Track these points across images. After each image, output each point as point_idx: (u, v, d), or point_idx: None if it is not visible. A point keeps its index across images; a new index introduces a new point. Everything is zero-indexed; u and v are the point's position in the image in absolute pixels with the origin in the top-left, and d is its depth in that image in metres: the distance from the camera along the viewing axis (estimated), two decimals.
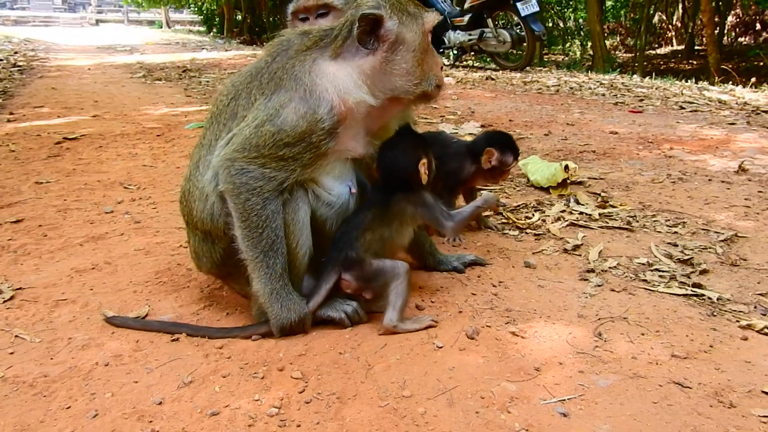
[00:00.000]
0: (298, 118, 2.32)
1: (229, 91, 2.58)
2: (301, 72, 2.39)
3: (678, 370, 2.16)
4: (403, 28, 2.44)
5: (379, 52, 2.43)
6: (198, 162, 2.57)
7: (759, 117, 7.25)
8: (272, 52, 2.53)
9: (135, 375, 2.19)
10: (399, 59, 2.45)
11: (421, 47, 2.48)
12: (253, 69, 2.54)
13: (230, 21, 29.58)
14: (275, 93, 2.39)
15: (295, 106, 2.33)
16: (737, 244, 3.34)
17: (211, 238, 2.55)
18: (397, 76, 2.46)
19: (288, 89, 2.37)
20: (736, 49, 25.79)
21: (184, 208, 2.64)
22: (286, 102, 2.34)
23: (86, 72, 12.14)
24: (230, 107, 2.52)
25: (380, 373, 2.17)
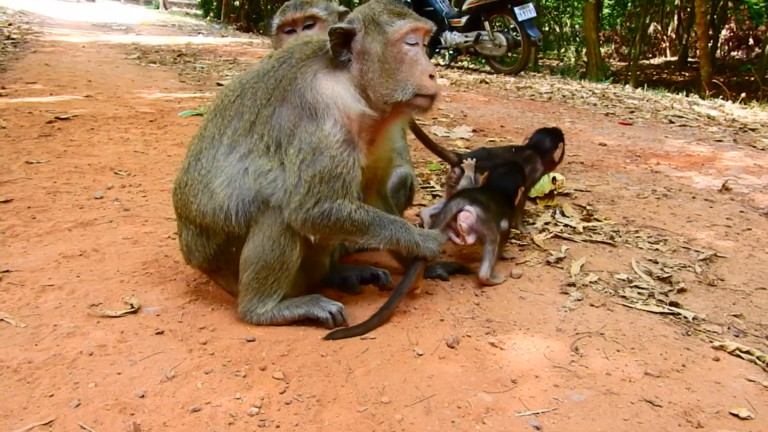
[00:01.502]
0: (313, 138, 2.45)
1: (236, 88, 2.65)
2: (303, 86, 2.49)
3: (650, 388, 2.22)
4: (368, 38, 2.53)
5: (354, 63, 2.54)
6: (199, 155, 2.60)
7: (746, 135, 7.36)
8: (279, 58, 2.62)
9: (119, 366, 2.22)
10: (368, 69, 2.54)
11: (389, 57, 2.52)
12: (261, 70, 2.63)
13: (228, 6, 29.39)
14: (281, 106, 2.51)
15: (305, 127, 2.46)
16: (716, 264, 3.42)
17: (207, 234, 2.58)
18: (373, 86, 2.54)
19: (294, 105, 2.49)
20: (729, 63, 26.03)
21: (178, 200, 2.66)
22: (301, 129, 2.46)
23: (80, 49, 12.05)
24: (236, 105, 2.60)
25: (360, 378, 2.22)
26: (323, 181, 2.46)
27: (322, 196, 2.47)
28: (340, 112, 2.49)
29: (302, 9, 3.40)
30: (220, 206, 2.48)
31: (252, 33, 23.08)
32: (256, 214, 2.47)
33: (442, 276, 3.07)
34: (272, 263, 2.51)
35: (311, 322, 2.57)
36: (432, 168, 5.16)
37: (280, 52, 2.73)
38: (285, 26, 3.45)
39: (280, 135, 2.50)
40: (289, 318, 2.57)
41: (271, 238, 2.48)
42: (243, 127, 2.54)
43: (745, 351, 2.48)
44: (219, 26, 24.60)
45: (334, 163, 2.45)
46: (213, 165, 2.54)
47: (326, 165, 2.45)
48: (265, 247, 2.49)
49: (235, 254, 2.55)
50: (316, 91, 2.50)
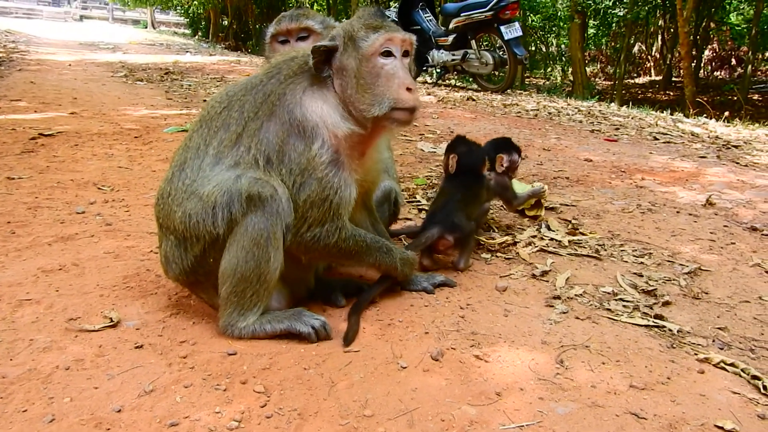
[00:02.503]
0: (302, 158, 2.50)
1: (222, 100, 2.67)
2: (292, 103, 2.54)
3: (635, 400, 2.20)
4: (345, 55, 2.57)
5: (335, 80, 2.60)
6: (183, 164, 2.59)
7: (729, 151, 7.43)
8: (268, 73, 2.66)
9: (95, 381, 2.17)
10: (347, 85, 2.57)
11: (364, 71, 2.54)
12: (249, 84, 2.66)
13: (216, 25, 29.56)
14: (269, 120, 2.54)
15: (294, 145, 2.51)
16: (700, 278, 3.42)
17: (185, 244, 2.55)
18: (353, 102, 2.58)
19: (282, 121, 2.53)
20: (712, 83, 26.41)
21: (160, 210, 2.63)
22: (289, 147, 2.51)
23: (67, 68, 12.02)
24: (222, 116, 2.61)
25: (343, 391, 2.18)
26: (314, 205, 2.52)
27: (313, 221, 2.54)
28: (329, 131, 2.53)
29: (297, 20, 3.41)
30: (211, 205, 2.44)
31: (240, 52, 23.17)
32: (238, 215, 2.43)
33: (427, 289, 3.05)
34: (249, 275, 2.47)
35: (294, 336, 2.53)
36: (418, 183, 5.16)
37: (269, 67, 2.75)
38: (279, 36, 3.45)
39: (269, 150, 2.51)
40: (270, 332, 2.54)
41: (245, 248, 2.44)
42: (229, 139, 2.54)
43: (730, 363, 2.47)
44: (207, 45, 24.67)
45: (321, 185, 2.50)
46: (198, 175, 2.53)
47: (315, 188, 2.50)
48: (240, 259, 2.46)
49: (213, 266, 2.52)
50: (305, 108, 2.54)
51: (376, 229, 3.02)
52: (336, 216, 2.58)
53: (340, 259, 2.82)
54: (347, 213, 2.63)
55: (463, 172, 3.56)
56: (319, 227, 2.56)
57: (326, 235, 2.58)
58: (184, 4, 30.97)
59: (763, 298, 3.17)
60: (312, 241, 2.57)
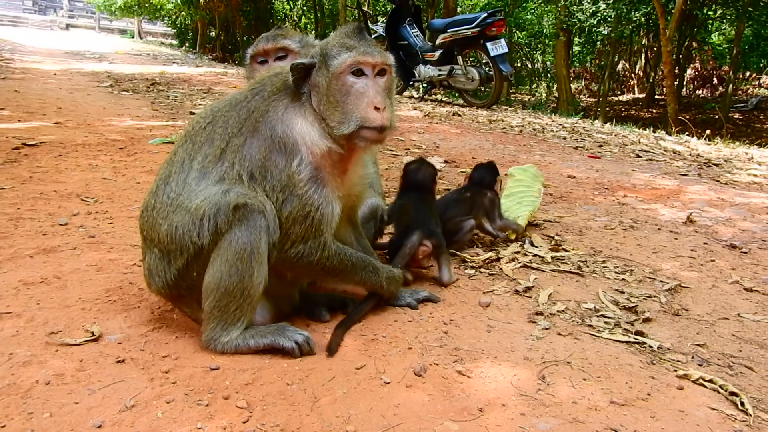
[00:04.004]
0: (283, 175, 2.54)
1: (207, 115, 2.70)
2: (274, 120, 2.58)
3: (615, 416, 2.22)
4: (318, 72, 2.60)
5: (313, 98, 2.63)
6: (168, 178, 2.60)
7: (710, 169, 7.54)
8: (252, 89, 2.70)
9: (76, 396, 2.15)
10: (319, 102, 2.61)
11: (333, 90, 2.56)
12: (233, 99, 2.70)
13: (203, 36, 29.55)
14: (252, 136, 2.57)
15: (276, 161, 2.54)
16: (680, 294, 3.46)
17: (169, 257, 2.55)
18: (326, 119, 2.60)
19: (265, 138, 2.56)
20: (694, 101, 26.80)
21: (145, 223, 2.63)
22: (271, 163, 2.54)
23: (52, 77, 11.95)
24: (207, 131, 2.63)
25: (326, 407, 2.18)
26: (296, 222, 2.55)
27: (296, 237, 2.57)
28: (308, 148, 2.57)
29: (274, 41, 3.46)
30: (199, 218, 2.44)
31: (227, 63, 23.16)
32: (223, 228, 2.43)
33: (411, 305, 3.07)
34: (232, 290, 2.47)
35: (277, 351, 2.53)
36: None
37: (253, 83, 2.79)
38: (257, 56, 3.51)
39: (252, 166, 2.55)
40: (254, 347, 2.53)
41: (228, 262, 2.45)
42: (213, 154, 2.57)
43: (709, 380, 2.50)
44: (194, 56, 24.64)
45: (301, 202, 2.54)
46: (184, 189, 2.54)
47: (296, 205, 2.54)
48: (223, 273, 2.46)
49: (196, 279, 2.52)
50: (287, 125, 2.58)
51: (361, 244, 3.03)
52: (318, 233, 2.60)
53: (325, 277, 2.84)
54: (330, 230, 2.64)
55: (415, 187, 3.72)
56: (302, 244, 2.59)
57: (309, 252, 2.61)
58: (172, 15, 30.94)
59: (742, 315, 3.21)
60: (296, 258, 2.60)
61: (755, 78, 29.53)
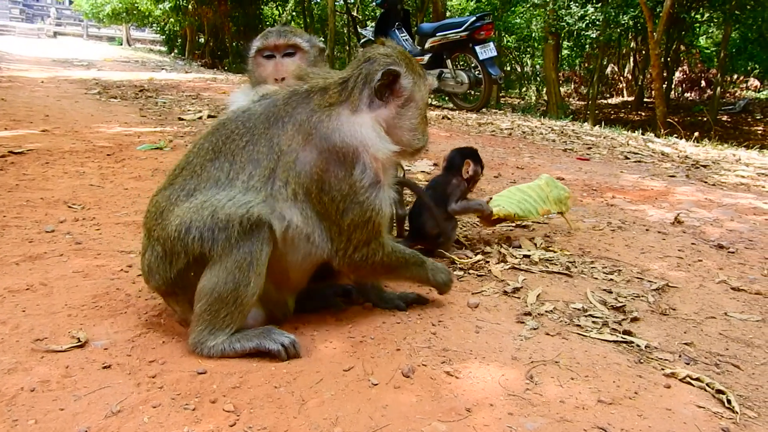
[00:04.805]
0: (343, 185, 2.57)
1: (241, 132, 2.63)
2: (329, 130, 2.59)
3: (603, 415, 2.23)
4: (415, 86, 2.75)
5: (391, 105, 2.72)
6: (193, 192, 2.55)
7: (698, 171, 7.59)
8: (291, 101, 2.70)
9: (61, 402, 2.13)
10: (409, 115, 2.75)
11: (425, 107, 2.82)
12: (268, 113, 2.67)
13: (192, 43, 29.53)
14: (304, 150, 2.57)
15: (335, 172, 2.57)
16: (668, 294, 3.48)
17: (170, 258, 2.52)
18: (405, 131, 2.76)
19: (320, 150, 2.57)
20: (682, 104, 26.99)
21: (151, 220, 2.60)
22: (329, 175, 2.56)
23: (39, 85, 11.91)
24: (248, 151, 2.59)
25: (313, 409, 2.18)
26: (357, 227, 2.62)
27: (359, 242, 2.65)
28: (370, 155, 2.61)
29: (285, 36, 3.43)
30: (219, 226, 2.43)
31: (216, 69, 23.16)
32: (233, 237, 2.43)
33: (399, 306, 3.06)
34: (226, 297, 2.47)
35: (263, 354, 2.52)
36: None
37: (288, 93, 2.75)
38: (265, 50, 3.44)
39: (307, 182, 2.56)
40: (239, 351, 2.52)
41: (227, 270, 2.44)
42: (261, 174, 2.55)
43: (696, 378, 2.51)
44: (183, 62, 24.61)
45: (362, 208, 2.60)
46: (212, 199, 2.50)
47: (357, 212, 2.59)
48: (220, 279, 2.45)
49: (192, 280, 2.51)
50: (344, 134, 2.59)
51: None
52: (378, 234, 2.70)
53: (384, 275, 2.94)
54: (386, 229, 2.77)
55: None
56: (366, 247, 2.67)
57: (373, 253, 2.70)
58: (160, 22, 30.89)
59: (729, 314, 3.23)
60: (361, 261, 2.69)
61: (743, 81, 29.81)
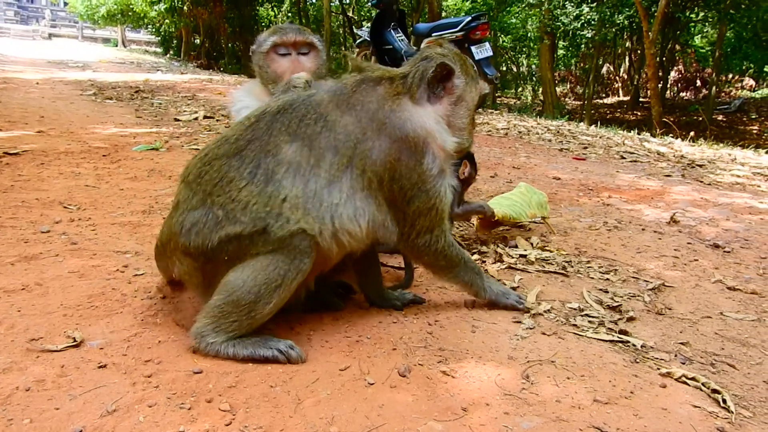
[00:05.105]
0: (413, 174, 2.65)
1: (317, 117, 2.61)
2: (401, 120, 2.65)
3: (599, 414, 2.23)
4: (467, 87, 2.83)
5: (444, 102, 2.79)
6: (272, 174, 2.48)
7: (693, 170, 7.61)
8: (359, 89, 2.71)
9: (57, 401, 2.13)
10: (460, 114, 2.83)
11: (474, 109, 2.89)
12: (337, 100, 2.66)
13: (188, 44, 29.48)
14: (378, 139, 2.61)
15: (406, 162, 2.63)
16: (664, 293, 3.49)
17: (227, 225, 2.44)
18: (455, 129, 2.82)
19: (393, 139, 2.62)
20: (678, 104, 27.02)
21: (211, 185, 2.50)
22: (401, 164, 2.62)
23: (34, 86, 11.88)
24: (324, 137, 2.57)
25: (309, 408, 2.17)
26: (421, 214, 2.70)
27: (422, 228, 2.74)
28: (437, 145, 2.71)
29: (303, 34, 3.43)
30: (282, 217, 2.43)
31: (212, 70, 23.12)
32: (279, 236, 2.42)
33: (396, 306, 3.06)
34: (243, 305, 2.45)
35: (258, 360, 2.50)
36: None
37: (357, 81, 2.75)
38: (281, 47, 3.41)
39: (380, 170, 2.60)
40: (231, 356, 2.48)
41: (255, 280, 2.43)
42: (340, 162, 2.55)
43: (691, 378, 2.52)
44: (179, 64, 24.57)
45: (428, 196, 2.69)
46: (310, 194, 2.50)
47: (423, 200, 2.68)
48: (246, 285, 2.44)
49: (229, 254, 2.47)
50: (415, 124, 2.66)
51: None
52: (441, 221, 2.79)
53: (443, 269, 2.94)
54: (447, 218, 2.85)
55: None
56: (428, 233, 2.76)
57: (435, 240, 2.79)
58: (156, 23, 30.83)
59: (724, 314, 3.24)
60: (424, 247, 2.78)
61: (738, 80, 29.86)
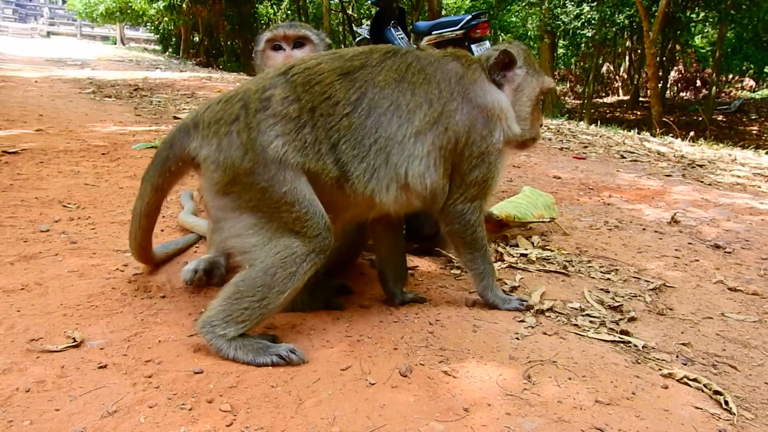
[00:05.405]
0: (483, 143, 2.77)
1: (418, 69, 2.71)
2: (482, 90, 2.80)
3: (600, 415, 2.22)
4: (527, 77, 2.93)
5: (506, 89, 2.90)
6: (375, 105, 2.57)
7: (694, 170, 7.60)
8: (443, 56, 2.84)
9: (57, 402, 2.12)
10: (521, 102, 2.93)
11: (535, 100, 2.96)
12: (424, 58, 2.77)
13: (187, 42, 29.45)
14: (463, 102, 2.73)
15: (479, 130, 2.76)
16: (665, 294, 3.48)
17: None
18: (518, 117, 2.91)
19: (473, 105, 2.75)
20: (678, 103, 27.03)
21: (306, 91, 2.54)
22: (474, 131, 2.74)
23: (33, 84, 11.86)
24: (424, 89, 2.67)
25: (310, 409, 2.16)
26: (476, 184, 2.80)
27: (468, 195, 2.82)
28: (506, 125, 2.83)
29: (295, 28, 3.47)
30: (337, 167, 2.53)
31: (211, 68, 23.09)
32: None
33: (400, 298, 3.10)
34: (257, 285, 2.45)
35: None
36: None
37: (440, 52, 2.88)
38: (274, 41, 3.45)
39: (459, 131, 2.71)
40: (232, 358, 2.46)
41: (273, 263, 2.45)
42: (431, 115, 2.66)
43: (693, 379, 2.51)
44: (178, 61, 24.55)
45: (488, 168, 2.80)
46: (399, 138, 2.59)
47: (483, 171, 2.79)
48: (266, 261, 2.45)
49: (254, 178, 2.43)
50: (493, 98, 2.81)
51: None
52: (484, 197, 2.88)
53: (467, 243, 2.95)
54: (490, 196, 2.98)
55: None
56: (470, 202, 2.83)
57: (472, 211, 2.85)
58: (155, 21, 30.80)
59: (726, 315, 3.23)
60: (461, 213, 2.84)
61: (738, 81, 29.88)
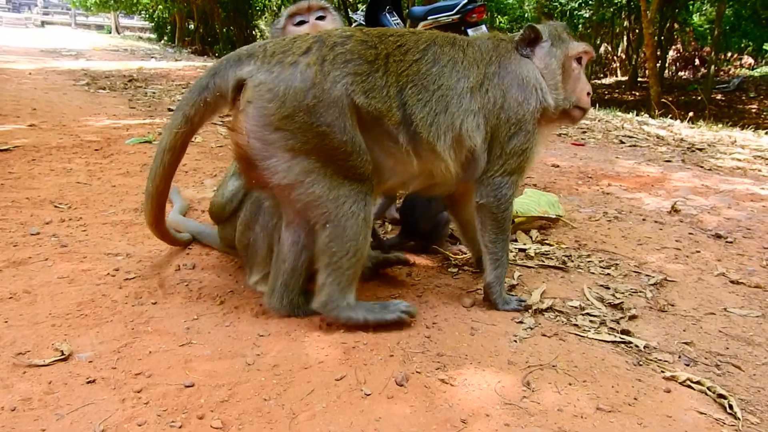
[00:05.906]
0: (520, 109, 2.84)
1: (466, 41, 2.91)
2: (517, 59, 2.92)
3: (602, 424, 2.17)
4: (553, 49, 2.96)
5: (535, 62, 2.94)
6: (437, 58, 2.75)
7: (693, 155, 7.52)
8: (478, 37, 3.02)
9: (43, 422, 2.06)
10: (547, 73, 2.93)
11: (564, 68, 2.96)
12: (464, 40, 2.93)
13: (182, 30, 29.19)
14: (500, 67, 2.87)
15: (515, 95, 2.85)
16: (666, 289, 3.42)
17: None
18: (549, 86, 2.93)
19: (509, 72, 2.87)
20: (676, 83, 26.87)
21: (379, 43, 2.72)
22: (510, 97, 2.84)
23: (27, 77, 11.73)
24: (471, 52, 2.86)
25: (304, 423, 2.11)
26: (514, 154, 2.84)
27: (506, 168, 2.86)
28: (542, 94, 2.88)
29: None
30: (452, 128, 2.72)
31: (207, 56, 22.88)
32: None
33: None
34: (347, 239, 2.61)
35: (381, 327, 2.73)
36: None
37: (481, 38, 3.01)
38: (297, 15, 3.42)
39: (498, 93, 2.81)
40: (362, 322, 2.71)
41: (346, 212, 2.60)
42: (477, 77, 2.80)
43: (696, 381, 2.45)
44: (173, 50, 24.33)
45: (526, 138, 2.84)
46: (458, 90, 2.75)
47: (521, 140, 2.83)
48: (343, 219, 2.60)
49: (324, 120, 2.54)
50: (527, 69, 2.90)
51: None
52: (521, 171, 2.92)
53: (494, 220, 2.95)
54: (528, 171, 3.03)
55: None
56: (508, 176, 2.87)
57: (509, 185, 2.88)
58: (149, 9, 30.51)
59: (728, 310, 3.18)
60: (497, 186, 2.87)
61: (737, 58, 29.67)
